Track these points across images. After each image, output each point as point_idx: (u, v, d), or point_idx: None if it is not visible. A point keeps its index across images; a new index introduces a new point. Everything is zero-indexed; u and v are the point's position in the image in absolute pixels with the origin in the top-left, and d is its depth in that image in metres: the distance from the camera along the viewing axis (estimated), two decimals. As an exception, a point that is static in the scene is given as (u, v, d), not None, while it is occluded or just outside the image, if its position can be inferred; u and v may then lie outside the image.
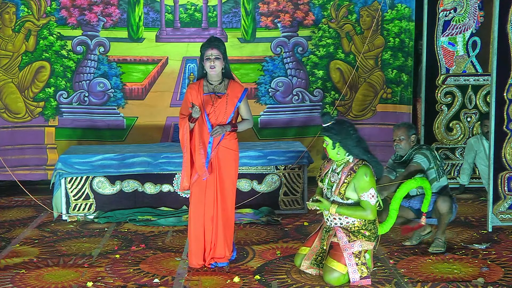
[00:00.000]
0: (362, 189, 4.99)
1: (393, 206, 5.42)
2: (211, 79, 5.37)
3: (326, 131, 5.07)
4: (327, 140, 5.08)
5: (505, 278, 5.14)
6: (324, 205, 5.06)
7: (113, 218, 6.85)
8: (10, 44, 8.04)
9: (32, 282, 5.14)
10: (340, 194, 5.04)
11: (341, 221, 5.11)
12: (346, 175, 5.04)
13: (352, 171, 5.03)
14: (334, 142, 5.05)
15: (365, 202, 4.99)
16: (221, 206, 5.38)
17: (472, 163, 7.73)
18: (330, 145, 5.07)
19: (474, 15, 7.81)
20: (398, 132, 5.92)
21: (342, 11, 8.25)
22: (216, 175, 5.36)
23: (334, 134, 5.03)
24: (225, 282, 5.11)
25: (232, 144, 5.40)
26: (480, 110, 7.97)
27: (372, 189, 4.99)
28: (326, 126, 5.08)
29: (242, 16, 8.27)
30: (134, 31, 8.22)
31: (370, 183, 4.99)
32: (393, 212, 5.41)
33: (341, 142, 5.04)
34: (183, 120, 5.30)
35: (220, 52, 5.31)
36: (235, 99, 5.35)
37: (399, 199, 5.43)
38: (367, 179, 4.99)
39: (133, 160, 7.02)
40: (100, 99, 8.25)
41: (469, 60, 7.90)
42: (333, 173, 5.15)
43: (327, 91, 8.37)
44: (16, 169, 7.97)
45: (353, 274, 5.00)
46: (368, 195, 4.98)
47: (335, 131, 5.04)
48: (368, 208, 4.98)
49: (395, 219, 5.42)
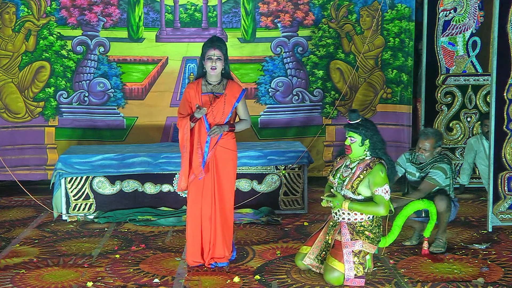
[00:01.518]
0: (376, 184, 5.00)
1: (397, 222, 5.49)
2: (210, 79, 5.36)
3: (356, 128, 5.08)
4: (356, 137, 5.09)
5: (505, 278, 5.14)
6: (338, 199, 5.07)
7: (113, 218, 6.85)
8: (10, 44, 8.04)
9: (32, 282, 5.14)
10: (352, 188, 5.04)
11: (349, 216, 5.11)
12: (361, 170, 5.06)
13: (369, 167, 5.06)
14: (364, 138, 5.07)
15: (378, 197, 5.00)
16: (219, 206, 5.38)
17: (472, 163, 7.73)
18: (359, 142, 5.08)
19: (474, 15, 7.81)
20: (425, 142, 5.77)
21: (342, 11, 8.25)
22: (214, 175, 5.36)
23: (366, 131, 5.06)
24: (225, 282, 5.11)
25: (230, 144, 5.40)
26: (480, 110, 7.97)
27: (386, 185, 5.02)
28: (355, 123, 5.09)
29: (242, 16, 8.27)
30: (134, 31, 8.22)
31: (385, 180, 5.02)
32: (396, 228, 5.48)
33: (371, 139, 5.08)
34: (183, 119, 5.30)
35: (222, 53, 5.31)
36: (233, 99, 5.36)
37: (404, 216, 5.52)
38: (383, 175, 5.02)
39: (133, 160, 7.02)
40: (100, 99, 8.25)
41: (469, 60, 7.90)
42: (346, 168, 5.18)
43: (327, 91, 8.37)
44: (16, 169, 7.97)
45: (349, 271, 5.00)
46: (383, 190, 5.00)
47: (366, 127, 5.08)
48: (381, 203, 4.99)
49: (397, 235, 5.51)
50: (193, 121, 5.26)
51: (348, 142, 5.13)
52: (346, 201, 5.05)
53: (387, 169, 5.09)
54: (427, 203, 5.58)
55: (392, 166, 5.17)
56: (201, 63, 5.38)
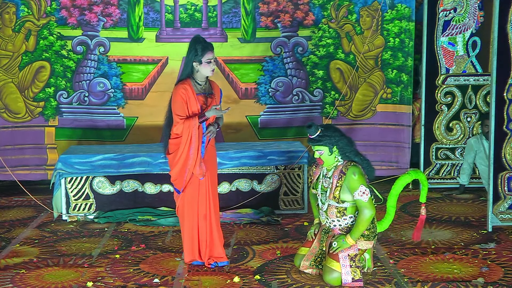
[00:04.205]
0: (353, 189, 5.01)
1: (390, 203, 5.42)
2: (200, 79, 5.39)
3: (319, 141, 5.06)
4: (322, 149, 5.07)
5: (505, 278, 5.14)
6: (339, 241, 5.05)
7: (113, 218, 6.85)
8: (10, 44, 8.04)
9: (32, 282, 5.14)
10: (335, 198, 5.06)
11: (339, 222, 5.12)
12: (337, 178, 5.06)
13: (342, 173, 5.05)
14: (331, 147, 5.05)
15: (358, 201, 5.01)
16: (213, 203, 5.46)
17: (472, 163, 7.73)
18: (327, 152, 5.06)
19: (474, 15, 7.81)
20: None
21: (342, 11, 8.25)
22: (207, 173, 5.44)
23: (329, 140, 5.05)
24: (225, 282, 5.12)
25: (212, 140, 5.52)
26: (480, 110, 7.97)
27: (362, 186, 5.00)
28: (317, 137, 5.08)
29: (242, 16, 8.26)
30: (134, 31, 8.22)
31: (359, 181, 5.00)
32: (391, 209, 5.41)
33: (337, 145, 5.06)
34: (190, 120, 5.29)
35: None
36: (218, 99, 5.51)
37: (395, 196, 5.42)
38: (356, 178, 5.00)
39: (133, 160, 7.02)
40: (100, 99, 8.25)
41: (469, 60, 7.90)
42: (325, 178, 5.17)
43: (327, 91, 8.36)
44: (16, 169, 7.97)
45: (346, 275, 5.01)
46: (359, 193, 4.99)
47: (328, 137, 5.05)
48: (362, 207, 4.99)
49: (393, 215, 5.43)
50: (202, 121, 5.30)
51: (317, 155, 5.12)
52: (347, 237, 5.02)
53: (361, 168, 5.08)
54: (414, 173, 5.42)
55: (367, 165, 5.15)
56: (190, 64, 5.37)
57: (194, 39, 5.40)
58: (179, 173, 5.38)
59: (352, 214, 5.11)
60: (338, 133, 5.10)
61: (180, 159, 5.34)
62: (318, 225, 5.32)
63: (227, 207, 6.97)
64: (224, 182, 7.07)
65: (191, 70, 5.38)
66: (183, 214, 5.48)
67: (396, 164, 8.25)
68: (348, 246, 5.02)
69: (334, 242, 5.05)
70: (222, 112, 5.37)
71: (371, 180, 5.21)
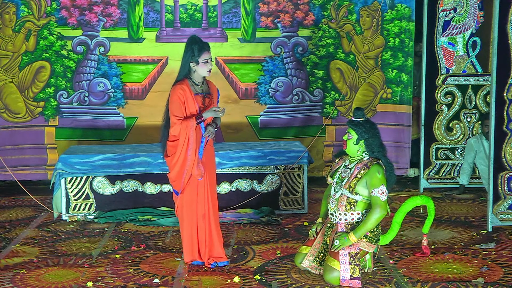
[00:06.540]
0: (373, 185, 5.00)
1: (397, 219, 5.46)
2: (198, 80, 5.39)
3: (355, 126, 5.08)
4: (352, 134, 5.09)
5: (505, 278, 5.14)
6: (341, 238, 5.04)
7: (113, 218, 6.85)
8: (10, 44, 8.04)
9: (32, 282, 5.14)
10: (350, 188, 5.05)
11: (346, 217, 5.11)
12: (359, 170, 5.06)
13: (366, 167, 5.05)
14: (359, 138, 5.07)
15: (375, 198, 4.99)
16: (212, 202, 5.46)
17: (472, 163, 7.73)
18: (354, 140, 5.08)
19: (474, 15, 7.81)
20: None
21: (342, 11, 8.25)
22: (206, 173, 5.43)
23: (363, 131, 5.06)
24: (225, 282, 5.12)
25: (210, 140, 5.51)
26: (480, 110, 7.97)
27: (383, 185, 5.00)
28: (357, 121, 5.09)
29: (242, 16, 8.27)
30: (134, 31, 8.22)
31: (381, 180, 5.01)
32: (396, 225, 5.45)
33: (366, 141, 5.07)
34: (188, 121, 5.28)
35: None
36: (215, 99, 5.49)
37: (403, 213, 5.49)
38: (380, 176, 5.01)
39: (133, 160, 7.02)
40: (100, 99, 8.26)
41: (469, 60, 7.90)
42: (345, 169, 5.18)
43: (327, 91, 8.37)
44: (16, 169, 7.97)
45: (344, 272, 5.00)
46: (379, 191, 4.99)
47: (364, 128, 5.07)
48: (377, 205, 4.97)
49: (396, 232, 5.47)
50: (199, 122, 5.29)
51: (345, 137, 5.14)
52: (350, 234, 5.01)
53: (385, 171, 5.08)
54: (425, 199, 5.55)
55: (391, 169, 5.16)
56: (187, 64, 5.36)
57: (190, 39, 5.40)
58: (177, 174, 5.38)
59: (360, 211, 5.10)
60: (374, 132, 5.10)
61: (178, 161, 5.34)
62: (321, 224, 5.32)
63: (227, 207, 6.97)
64: (224, 182, 7.07)
65: (188, 71, 5.37)
66: (182, 215, 5.48)
67: (396, 164, 8.25)
68: (349, 244, 5.01)
69: (336, 240, 5.04)
70: (220, 115, 5.34)
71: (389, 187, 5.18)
